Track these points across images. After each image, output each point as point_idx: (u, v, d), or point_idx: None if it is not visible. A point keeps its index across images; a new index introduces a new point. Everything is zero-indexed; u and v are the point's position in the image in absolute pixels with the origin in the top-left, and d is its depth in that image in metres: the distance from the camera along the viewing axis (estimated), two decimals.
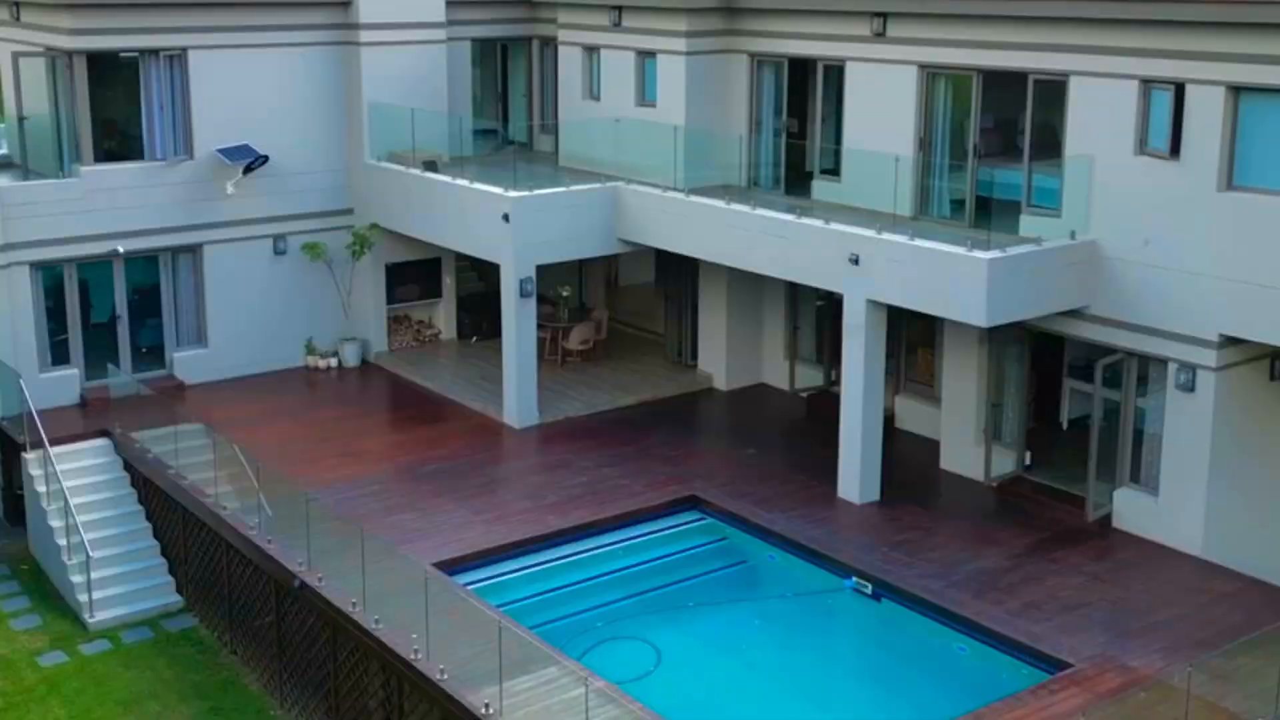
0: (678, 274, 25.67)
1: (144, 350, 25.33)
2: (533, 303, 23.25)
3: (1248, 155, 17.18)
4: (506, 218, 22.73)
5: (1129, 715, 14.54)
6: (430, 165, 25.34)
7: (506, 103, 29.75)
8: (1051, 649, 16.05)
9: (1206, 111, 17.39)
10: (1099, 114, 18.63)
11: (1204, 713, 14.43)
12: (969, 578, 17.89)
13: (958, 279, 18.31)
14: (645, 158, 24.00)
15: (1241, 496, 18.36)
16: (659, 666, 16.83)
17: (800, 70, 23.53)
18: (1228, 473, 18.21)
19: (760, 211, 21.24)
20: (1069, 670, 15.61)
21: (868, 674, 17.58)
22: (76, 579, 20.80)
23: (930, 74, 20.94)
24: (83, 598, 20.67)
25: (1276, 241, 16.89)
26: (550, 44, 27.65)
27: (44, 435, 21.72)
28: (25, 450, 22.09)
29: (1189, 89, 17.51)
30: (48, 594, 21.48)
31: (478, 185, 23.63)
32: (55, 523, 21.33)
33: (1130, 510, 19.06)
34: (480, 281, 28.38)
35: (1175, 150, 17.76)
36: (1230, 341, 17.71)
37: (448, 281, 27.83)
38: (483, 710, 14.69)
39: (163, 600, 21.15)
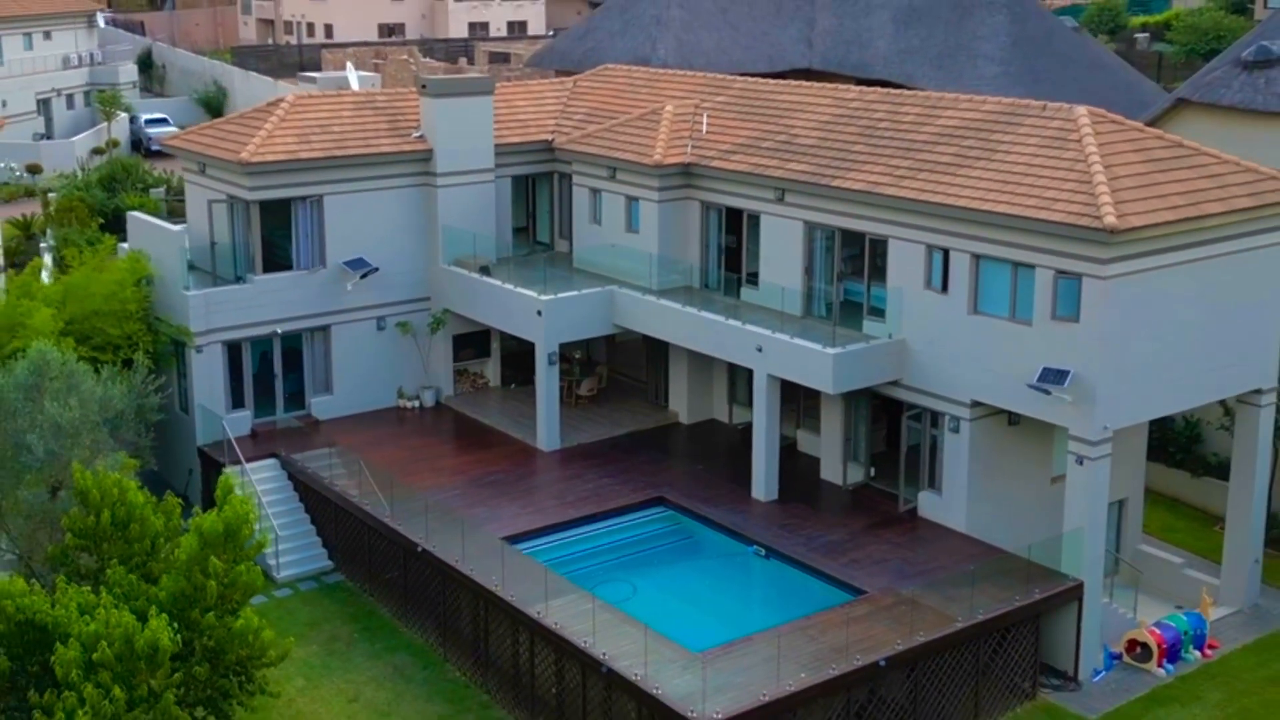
0: (656, 340, 36.80)
1: (289, 396, 36.64)
2: (557, 368, 34.75)
3: (984, 294, 28.80)
4: (540, 312, 34.26)
5: (893, 617, 26.22)
6: (484, 270, 36.80)
7: (535, 216, 40.98)
8: (859, 584, 27.69)
9: (961, 268, 29.00)
10: (905, 262, 30.16)
11: (933, 615, 26.16)
12: (823, 545, 29.50)
13: (817, 364, 29.91)
14: (631, 263, 35.51)
15: (990, 496, 29.92)
16: (635, 595, 28.33)
17: (734, 214, 34.93)
18: (981, 482, 29.77)
19: (702, 314, 32.84)
20: (866, 595, 27.28)
21: (759, 599, 29.34)
22: (267, 550, 32.33)
23: (810, 226, 32.48)
24: (272, 562, 32.23)
25: (999, 346, 28.47)
26: (566, 178, 39.06)
27: (241, 456, 33.41)
28: (225, 466, 33.61)
29: (951, 253, 29.15)
30: None
31: (519, 289, 35.06)
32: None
33: (927, 504, 30.67)
34: (515, 342, 39.23)
35: (945, 288, 29.37)
36: (977, 403, 29.31)
37: (494, 346, 39.13)
38: (535, 615, 26.33)
39: (321, 564, 32.77)
